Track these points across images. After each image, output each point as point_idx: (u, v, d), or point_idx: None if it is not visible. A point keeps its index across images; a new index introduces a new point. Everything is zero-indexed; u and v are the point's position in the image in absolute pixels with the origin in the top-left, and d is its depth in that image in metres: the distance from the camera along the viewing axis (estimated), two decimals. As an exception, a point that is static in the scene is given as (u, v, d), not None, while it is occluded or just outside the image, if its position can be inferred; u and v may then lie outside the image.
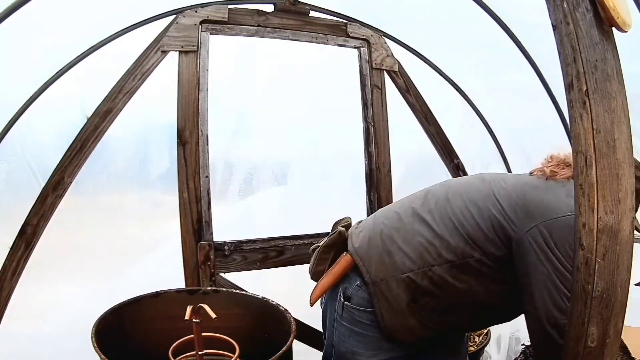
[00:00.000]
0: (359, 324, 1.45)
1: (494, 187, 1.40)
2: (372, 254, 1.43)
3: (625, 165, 1.05)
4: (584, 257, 1.07)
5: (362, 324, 1.44)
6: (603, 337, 1.08)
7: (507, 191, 1.37)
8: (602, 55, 1.03)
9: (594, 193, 1.04)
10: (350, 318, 1.46)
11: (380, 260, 1.42)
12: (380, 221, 1.51)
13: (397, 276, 1.38)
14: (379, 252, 1.43)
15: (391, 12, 2.53)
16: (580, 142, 1.05)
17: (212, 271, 2.22)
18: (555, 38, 1.07)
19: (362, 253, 1.45)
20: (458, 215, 1.37)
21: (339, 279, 1.49)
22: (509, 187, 1.38)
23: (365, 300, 1.43)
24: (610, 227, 1.04)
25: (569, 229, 1.22)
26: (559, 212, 1.26)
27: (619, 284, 1.07)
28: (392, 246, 1.42)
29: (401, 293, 1.38)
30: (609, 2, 0.99)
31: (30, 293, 2.00)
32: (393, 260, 1.40)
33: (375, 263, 1.42)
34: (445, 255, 1.35)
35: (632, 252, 1.10)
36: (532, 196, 1.33)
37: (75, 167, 2.02)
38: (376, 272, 1.41)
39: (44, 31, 1.86)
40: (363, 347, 1.44)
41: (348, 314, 1.46)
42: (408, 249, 1.39)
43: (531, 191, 1.35)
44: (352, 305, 1.45)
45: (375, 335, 1.44)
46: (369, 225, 1.53)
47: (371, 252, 1.44)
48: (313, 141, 2.70)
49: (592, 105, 1.02)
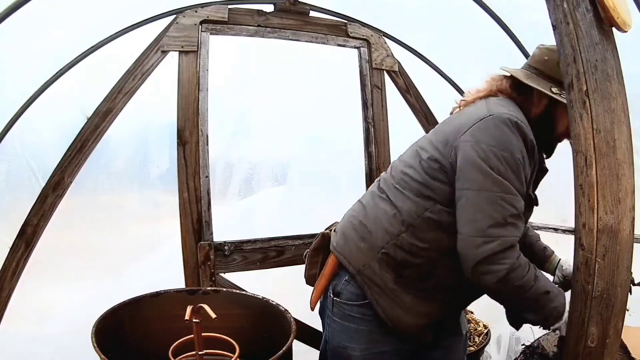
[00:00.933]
0: (349, 318, 1.47)
1: (419, 142, 1.49)
2: (350, 245, 1.48)
3: (625, 165, 1.05)
4: (584, 257, 1.07)
5: (352, 318, 1.47)
6: (603, 337, 1.08)
7: (428, 136, 1.46)
8: (602, 55, 1.03)
9: (594, 193, 1.04)
10: (341, 313, 1.48)
11: (357, 248, 1.46)
12: (349, 214, 1.58)
13: (376, 257, 1.42)
14: (354, 241, 1.48)
15: (391, 12, 2.53)
16: (580, 142, 1.05)
17: (212, 271, 2.22)
18: (555, 38, 1.07)
19: (341, 248, 1.51)
20: (399, 180, 1.44)
21: (331, 279, 1.54)
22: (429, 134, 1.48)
23: (354, 295, 1.46)
24: (610, 227, 1.04)
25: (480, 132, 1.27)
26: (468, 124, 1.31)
27: (619, 284, 1.07)
28: (363, 231, 1.46)
29: (384, 273, 1.42)
30: (609, 2, 0.99)
31: (30, 293, 2.00)
32: (367, 244, 1.45)
33: (354, 253, 1.47)
34: (406, 220, 1.39)
35: (632, 252, 1.10)
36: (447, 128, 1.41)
37: (75, 167, 2.02)
38: (357, 260, 1.46)
39: (44, 31, 1.87)
40: (354, 341, 1.47)
41: (338, 309, 1.49)
42: (375, 227, 1.44)
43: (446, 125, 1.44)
44: (341, 301, 1.48)
45: (367, 328, 1.46)
46: (342, 222, 1.60)
47: (348, 244, 1.49)
48: (313, 141, 2.70)
49: (592, 105, 1.02)
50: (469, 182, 1.27)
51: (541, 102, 1.42)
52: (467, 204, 1.28)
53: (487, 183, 1.24)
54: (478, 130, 1.28)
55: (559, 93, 1.36)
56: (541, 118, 1.43)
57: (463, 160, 1.28)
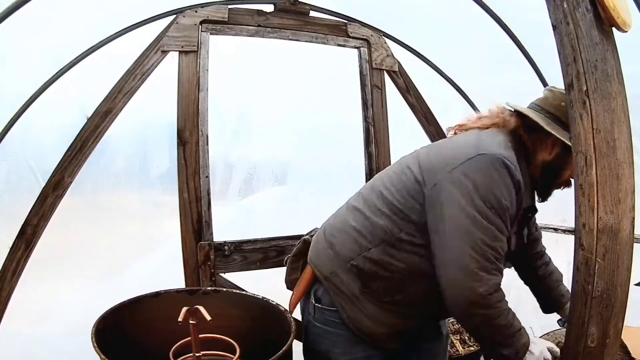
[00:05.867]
0: (330, 323, 1.49)
1: (407, 159, 1.46)
2: (320, 253, 1.51)
3: (625, 165, 1.05)
4: (584, 257, 1.07)
5: (333, 323, 1.48)
6: (603, 337, 1.08)
7: (416, 157, 1.42)
8: (602, 55, 1.03)
9: (594, 193, 1.04)
10: (323, 318, 1.50)
11: (326, 256, 1.48)
12: (325, 224, 1.60)
13: (343, 266, 1.43)
14: (324, 248, 1.50)
15: (391, 12, 2.53)
16: (580, 142, 1.05)
17: (212, 271, 2.22)
18: (555, 38, 1.07)
19: (312, 256, 1.53)
20: (379, 195, 1.42)
21: (310, 284, 1.55)
22: (419, 153, 1.44)
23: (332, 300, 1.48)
24: (610, 227, 1.04)
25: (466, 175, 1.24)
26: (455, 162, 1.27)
27: (619, 284, 1.07)
28: (333, 240, 1.48)
29: (351, 281, 1.43)
30: (609, 2, 0.99)
31: (30, 293, 2.00)
32: (335, 252, 1.46)
33: (323, 260, 1.49)
34: (379, 235, 1.38)
35: (632, 252, 1.10)
36: (434, 154, 1.37)
37: (75, 167, 2.02)
38: (325, 267, 1.47)
39: (44, 31, 1.86)
40: (337, 346, 1.48)
41: (320, 315, 1.51)
42: (346, 238, 1.44)
43: (435, 150, 1.40)
44: (322, 306, 1.50)
45: (347, 333, 1.47)
46: (318, 231, 1.61)
47: (319, 251, 1.51)
48: (313, 141, 2.71)
49: (592, 105, 1.02)
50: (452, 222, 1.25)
51: (554, 149, 1.37)
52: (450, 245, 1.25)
53: (474, 229, 1.23)
54: (465, 172, 1.24)
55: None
56: (549, 164, 1.39)
57: (448, 199, 1.26)
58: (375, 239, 1.39)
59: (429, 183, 1.31)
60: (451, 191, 1.25)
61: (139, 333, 1.67)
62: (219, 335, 1.53)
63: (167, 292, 1.79)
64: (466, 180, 1.24)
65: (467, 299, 1.25)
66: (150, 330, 1.69)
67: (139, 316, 1.70)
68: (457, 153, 1.30)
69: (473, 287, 1.23)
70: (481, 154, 1.25)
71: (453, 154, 1.31)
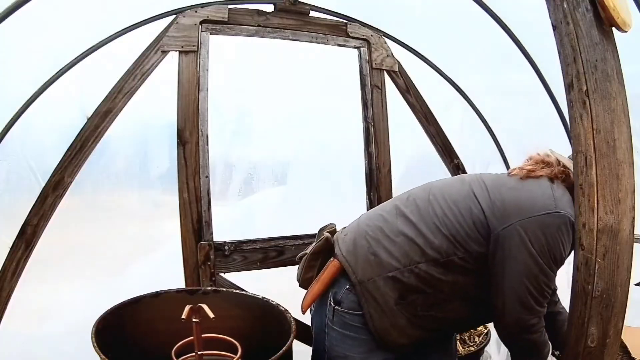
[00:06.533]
0: (350, 328, 1.46)
1: (473, 187, 1.46)
2: (359, 256, 1.46)
3: (625, 165, 1.05)
4: (584, 257, 1.07)
5: (353, 327, 1.46)
6: (603, 337, 1.08)
7: (486, 191, 1.44)
8: (602, 55, 1.03)
9: (594, 193, 1.04)
10: (342, 322, 1.47)
11: (366, 260, 1.44)
12: (364, 223, 1.54)
13: (384, 275, 1.41)
14: (364, 252, 1.45)
15: (391, 12, 2.53)
16: (580, 142, 1.05)
17: (212, 271, 2.22)
18: (555, 38, 1.07)
19: (348, 255, 1.48)
20: (440, 215, 1.42)
21: (329, 285, 1.51)
22: (488, 187, 1.45)
23: (355, 304, 1.44)
24: (610, 227, 1.04)
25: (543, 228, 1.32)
26: (533, 211, 1.34)
27: (619, 284, 1.07)
28: (377, 246, 1.44)
29: (389, 291, 1.41)
30: (609, 2, 0.99)
31: (30, 293, 2.00)
32: (379, 259, 1.42)
33: (361, 264, 1.44)
34: (430, 254, 1.39)
35: (632, 252, 1.10)
36: (508, 196, 1.41)
37: (75, 167, 2.02)
38: (363, 272, 1.43)
39: (43, 31, 1.86)
40: (355, 350, 1.46)
41: (339, 318, 1.47)
42: (393, 247, 1.42)
43: (508, 192, 1.42)
44: (342, 310, 1.46)
45: (367, 337, 1.45)
46: (354, 229, 1.56)
47: (357, 253, 1.46)
48: (313, 141, 2.70)
49: (592, 105, 1.02)
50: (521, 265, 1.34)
51: None
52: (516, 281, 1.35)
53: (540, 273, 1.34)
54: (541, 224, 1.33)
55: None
56: None
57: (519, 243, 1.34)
58: (427, 256, 1.40)
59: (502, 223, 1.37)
60: (525, 237, 1.33)
61: (138, 333, 1.67)
62: (220, 335, 1.53)
63: (167, 292, 1.79)
64: (541, 233, 1.33)
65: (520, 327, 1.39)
66: (150, 330, 1.69)
67: (139, 316, 1.70)
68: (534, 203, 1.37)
69: (528, 318, 1.38)
70: (559, 213, 1.33)
71: (531, 204, 1.37)
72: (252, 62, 2.48)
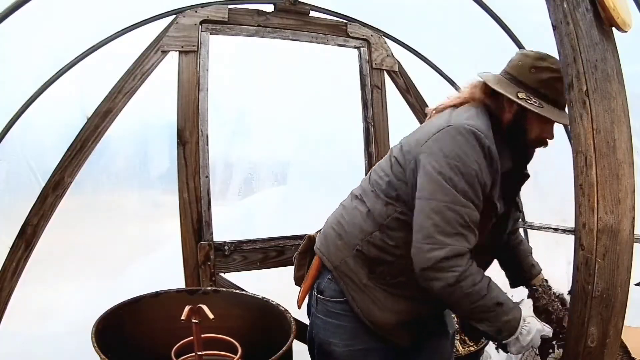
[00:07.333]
0: (332, 315, 1.52)
1: (393, 148, 1.55)
2: (329, 244, 1.55)
3: (625, 165, 1.05)
4: (584, 257, 1.07)
5: (335, 315, 1.52)
6: (603, 337, 1.08)
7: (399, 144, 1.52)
8: (602, 55, 1.03)
9: (594, 193, 1.04)
10: (325, 310, 1.53)
11: (335, 246, 1.53)
12: (331, 217, 1.65)
13: (351, 254, 1.49)
14: (333, 240, 1.54)
15: (391, 12, 2.53)
16: (580, 142, 1.05)
17: (212, 271, 2.22)
18: (555, 38, 1.07)
19: (322, 247, 1.57)
20: (373, 182, 1.51)
21: (315, 278, 1.59)
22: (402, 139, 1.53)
23: (336, 292, 1.51)
24: (610, 227, 1.04)
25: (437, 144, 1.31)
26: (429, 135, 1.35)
27: (619, 284, 1.07)
28: (341, 230, 1.53)
29: (359, 268, 1.48)
30: (609, 2, 0.99)
31: (30, 293, 2.00)
32: (344, 241, 1.51)
33: (333, 250, 1.53)
34: (378, 220, 1.45)
35: (632, 252, 1.10)
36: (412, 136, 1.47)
37: (75, 167, 2.02)
38: (335, 257, 1.52)
39: (44, 31, 1.86)
40: (338, 337, 1.51)
41: (322, 307, 1.54)
42: (352, 227, 1.51)
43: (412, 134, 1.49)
44: (324, 298, 1.53)
45: (350, 324, 1.50)
46: (325, 224, 1.66)
47: (328, 243, 1.56)
48: (313, 141, 2.70)
49: (592, 105, 1.02)
50: (422, 191, 1.32)
51: (511, 107, 1.41)
52: (418, 211, 1.32)
53: (438, 192, 1.28)
54: (435, 142, 1.32)
55: (525, 98, 1.35)
56: (512, 124, 1.42)
57: (420, 170, 1.34)
58: (376, 224, 1.45)
59: (409, 161, 1.39)
60: (423, 160, 1.33)
61: (138, 333, 1.67)
62: (220, 335, 1.54)
63: (167, 292, 1.79)
64: (435, 147, 1.31)
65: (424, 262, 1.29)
66: (150, 330, 1.69)
67: (139, 316, 1.70)
68: (429, 130, 1.38)
69: (430, 249, 1.27)
70: (450, 126, 1.33)
71: (427, 131, 1.39)
72: (252, 62, 2.48)
